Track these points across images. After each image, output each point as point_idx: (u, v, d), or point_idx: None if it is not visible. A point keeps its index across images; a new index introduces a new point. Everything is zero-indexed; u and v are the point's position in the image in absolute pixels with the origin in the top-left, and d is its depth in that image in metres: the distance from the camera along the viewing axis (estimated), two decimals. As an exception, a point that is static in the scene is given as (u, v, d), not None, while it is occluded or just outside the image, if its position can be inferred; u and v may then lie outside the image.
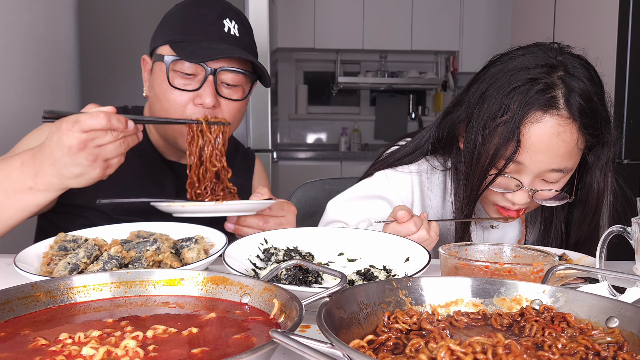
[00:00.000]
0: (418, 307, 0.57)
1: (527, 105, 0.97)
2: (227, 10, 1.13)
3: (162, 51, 1.11)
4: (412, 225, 0.95)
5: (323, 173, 3.85)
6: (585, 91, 0.98)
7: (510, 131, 0.97)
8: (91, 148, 0.87)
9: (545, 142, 0.97)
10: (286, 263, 0.69)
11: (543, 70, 0.99)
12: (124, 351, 0.47)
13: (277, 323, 0.54)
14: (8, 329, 0.54)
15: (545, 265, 0.70)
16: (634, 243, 0.75)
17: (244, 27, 1.15)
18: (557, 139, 0.97)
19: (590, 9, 2.52)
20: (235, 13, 1.15)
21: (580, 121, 0.98)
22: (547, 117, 0.97)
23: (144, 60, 1.18)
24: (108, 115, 0.87)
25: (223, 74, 1.09)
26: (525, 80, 0.98)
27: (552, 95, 0.97)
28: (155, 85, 1.12)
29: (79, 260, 0.77)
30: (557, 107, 0.97)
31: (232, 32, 1.11)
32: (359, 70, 5.02)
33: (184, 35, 1.09)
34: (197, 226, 0.92)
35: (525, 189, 1.01)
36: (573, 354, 0.46)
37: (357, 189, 1.22)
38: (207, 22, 1.10)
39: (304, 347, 0.40)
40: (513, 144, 0.97)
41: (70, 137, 0.85)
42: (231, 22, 1.12)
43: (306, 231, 0.94)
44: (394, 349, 0.48)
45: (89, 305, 0.61)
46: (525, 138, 0.97)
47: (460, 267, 0.72)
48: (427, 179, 1.20)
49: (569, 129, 0.97)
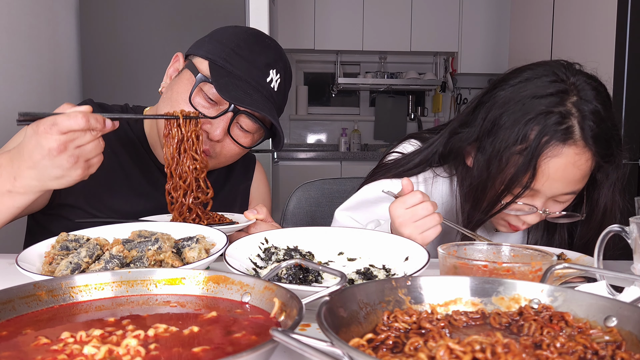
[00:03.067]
0: (417, 306, 0.57)
1: (545, 136, 0.97)
2: (278, 60, 1.12)
3: (200, 64, 1.09)
4: (419, 193, 0.96)
5: (323, 173, 3.85)
6: (598, 117, 0.99)
7: (527, 162, 0.97)
8: (71, 149, 0.85)
9: (561, 172, 0.99)
10: (286, 262, 0.69)
11: (557, 100, 0.99)
12: (125, 350, 0.48)
13: (278, 322, 0.55)
14: (10, 328, 0.54)
15: (543, 264, 0.70)
16: (632, 242, 0.75)
17: (284, 84, 1.14)
18: (573, 167, 0.98)
19: (590, 10, 2.52)
20: (284, 66, 1.14)
21: (595, 148, 0.99)
22: (565, 149, 0.97)
23: (177, 57, 1.16)
24: (86, 115, 0.85)
25: (243, 117, 1.08)
26: (540, 110, 0.98)
27: (568, 125, 0.97)
28: (175, 89, 1.10)
29: (81, 260, 0.77)
30: (574, 138, 0.97)
31: (272, 85, 1.10)
32: (358, 71, 5.02)
33: (228, 63, 1.07)
34: (198, 226, 0.92)
35: (538, 212, 1.03)
36: (571, 353, 0.46)
37: (363, 194, 1.22)
38: (255, 64, 1.08)
39: (304, 345, 0.41)
40: (530, 173, 0.98)
41: (49, 139, 0.83)
42: (276, 75, 1.11)
43: (306, 231, 0.94)
44: (393, 347, 0.49)
45: (90, 304, 0.61)
46: (542, 169, 0.98)
47: (459, 267, 0.72)
48: (432, 189, 1.20)
49: (585, 157, 0.99)
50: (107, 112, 1.17)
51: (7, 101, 1.72)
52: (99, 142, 0.89)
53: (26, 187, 0.89)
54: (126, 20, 2.71)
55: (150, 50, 2.69)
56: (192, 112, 1.04)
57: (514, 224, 1.09)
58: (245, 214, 1.06)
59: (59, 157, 0.84)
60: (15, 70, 1.78)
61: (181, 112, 1.03)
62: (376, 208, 1.18)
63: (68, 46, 2.25)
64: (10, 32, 1.74)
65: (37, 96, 1.92)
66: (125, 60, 2.72)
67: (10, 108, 1.73)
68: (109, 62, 2.71)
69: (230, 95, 1.02)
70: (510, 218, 1.08)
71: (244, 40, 1.10)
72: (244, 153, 1.17)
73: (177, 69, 1.14)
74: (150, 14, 2.72)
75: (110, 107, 1.20)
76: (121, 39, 2.72)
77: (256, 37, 1.12)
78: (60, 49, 2.15)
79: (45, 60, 2.00)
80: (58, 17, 2.13)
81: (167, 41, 2.68)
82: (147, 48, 2.70)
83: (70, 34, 2.29)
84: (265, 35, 1.16)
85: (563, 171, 0.98)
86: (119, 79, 2.73)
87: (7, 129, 1.66)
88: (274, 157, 3.13)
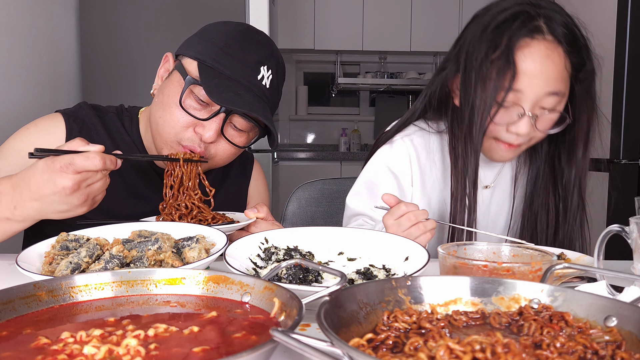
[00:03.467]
0: (417, 306, 0.57)
1: (515, 36, 1.05)
2: (269, 56, 1.09)
3: (189, 66, 1.07)
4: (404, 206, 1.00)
5: (323, 173, 3.85)
6: (564, 21, 1.08)
7: (505, 61, 1.04)
8: (83, 188, 0.88)
9: (538, 65, 1.04)
10: (286, 262, 0.69)
11: (523, 8, 1.07)
12: (125, 350, 0.47)
13: (278, 322, 0.55)
14: (10, 328, 0.54)
15: (543, 264, 0.70)
16: (632, 242, 0.75)
17: (276, 79, 1.11)
18: (548, 61, 1.05)
19: (590, 10, 2.52)
20: (275, 61, 1.11)
21: (565, 45, 1.06)
22: (535, 42, 1.05)
23: (166, 58, 1.14)
24: (103, 157, 0.87)
25: (236, 116, 1.07)
26: (509, 16, 1.07)
27: (535, 24, 1.06)
28: (166, 93, 1.08)
29: (81, 260, 0.77)
30: (542, 33, 1.05)
31: (263, 82, 1.08)
32: (358, 71, 5.02)
33: (217, 63, 1.05)
34: (198, 226, 0.92)
35: (527, 115, 1.06)
36: (571, 352, 0.46)
37: (365, 175, 1.27)
38: (245, 63, 1.06)
39: (304, 345, 0.41)
40: (510, 72, 1.04)
41: (64, 178, 0.85)
42: (267, 71, 1.08)
43: (306, 231, 0.94)
44: (393, 347, 0.49)
45: (90, 304, 0.61)
46: (520, 63, 1.04)
47: (459, 267, 0.72)
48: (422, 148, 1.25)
49: (557, 52, 1.06)
50: (101, 114, 1.17)
51: (7, 101, 1.72)
52: (106, 180, 0.92)
53: (25, 216, 0.91)
54: (126, 20, 2.71)
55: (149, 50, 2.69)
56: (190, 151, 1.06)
57: (505, 139, 1.10)
58: (246, 213, 1.06)
59: (71, 196, 0.87)
60: (15, 70, 1.78)
61: (184, 154, 1.05)
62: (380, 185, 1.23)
63: (67, 46, 2.25)
64: (9, 32, 1.74)
65: (36, 96, 1.92)
66: (125, 61, 2.72)
67: (9, 108, 1.73)
68: (108, 62, 2.71)
69: (220, 98, 1.00)
70: (502, 133, 1.10)
71: (234, 38, 1.07)
72: (240, 152, 1.16)
73: (167, 70, 1.13)
74: (149, 14, 2.72)
75: (104, 109, 1.20)
76: (121, 39, 2.72)
77: (246, 34, 1.09)
78: (60, 49, 2.15)
79: (45, 60, 2.00)
80: (58, 17, 2.13)
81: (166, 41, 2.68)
82: (146, 48, 2.70)
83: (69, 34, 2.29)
84: (255, 31, 1.13)
85: (540, 64, 1.04)
86: (118, 79, 2.73)
87: (7, 128, 1.66)
88: (274, 157, 3.13)
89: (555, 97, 1.07)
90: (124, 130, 1.18)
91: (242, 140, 1.12)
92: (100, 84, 2.71)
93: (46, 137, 1.11)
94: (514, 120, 1.07)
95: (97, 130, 1.15)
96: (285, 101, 4.94)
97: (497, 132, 1.11)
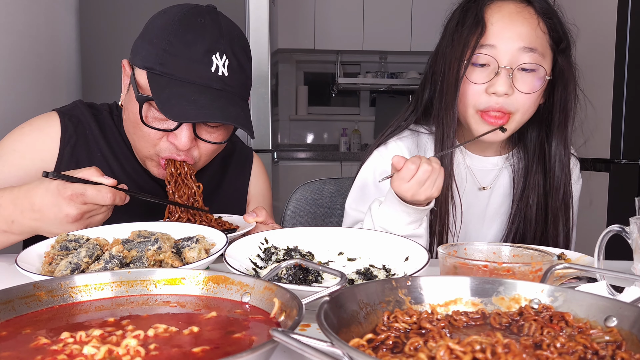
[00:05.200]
0: (417, 306, 0.57)
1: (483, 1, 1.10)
2: (217, 39, 0.98)
3: (139, 77, 1.00)
4: (411, 164, 0.96)
5: (323, 173, 3.85)
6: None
7: (474, 19, 1.08)
8: (85, 219, 0.89)
9: (507, 19, 1.07)
10: (286, 262, 0.69)
11: None
12: (125, 350, 0.47)
13: (278, 322, 0.55)
14: (10, 328, 0.54)
15: (544, 264, 0.70)
16: (632, 243, 0.75)
17: (236, 60, 1.00)
18: (518, 16, 1.07)
19: (590, 10, 2.52)
20: (229, 41, 1.00)
21: (536, 7, 1.09)
22: (505, 3, 1.09)
23: (124, 66, 1.07)
24: (114, 194, 0.88)
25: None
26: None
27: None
28: (130, 109, 1.04)
29: (81, 260, 0.77)
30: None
31: (219, 72, 0.98)
32: (359, 71, 5.02)
33: (164, 67, 0.96)
34: (198, 226, 0.92)
35: (502, 69, 1.05)
36: (571, 353, 0.46)
37: (361, 179, 1.26)
38: (193, 58, 0.96)
39: (304, 345, 0.41)
40: (479, 28, 1.07)
41: (71, 206, 0.86)
42: (221, 59, 0.98)
43: (306, 231, 0.94)
44: (393, 347, 0.49)
45: (90, 304, 0.61)
46: (489, 18, 1.08)
47: (459, 267, 0.72)
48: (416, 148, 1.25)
49: (527, 10, 1.09)
50: (96, 112, 1.16)
51: (6, 101, 1.72)
52: (108, 214, 0.93)
53: (21, 231, 0.92)
54: (125, 20, 2.71)
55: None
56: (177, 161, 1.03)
57: (484, 104, 1.08)
58: (245, 218, 1.05)
59: (71, 224, 0.88)
60: (14, 69, 1.78)
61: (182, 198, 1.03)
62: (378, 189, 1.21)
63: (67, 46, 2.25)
64: (9, 31, 1.74)
65: (36, 96, 1.92)
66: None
67: (8, 107, 1.73)
68: (108, 62, 2.71)
69: (172, 114, 0.93)
70: (482, 98, 1.09)
71: (174, 33, 0.97)
72: (224, 146, 1.11)
73: (127, 76, 1.07)
74: (149, 14, 2.72)
75: (99, 107, 1.19)
76: (121, 39, 2.71)
77: (186, 23, 0.98)
78: (60, 48, 2.15)
79: (45, 60, 2.00)
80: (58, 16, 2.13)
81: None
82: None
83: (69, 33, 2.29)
84: (196, 12, 1.01)
85: (509, 18, 1.07)
86: (118, 79, 2.72)
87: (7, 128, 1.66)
88: (274, 157, 3.13)
89: (531, 54, 1.06)
90: (116, 129, 1.16)
91: (219, 135, 1.06)
92: (100, 83, 2.71)
93: (41, 136, 1.10)
94: (491, 79, 1.07)
95: (92, 129, 1.14)
96: (286, 101, 4.94)
97: (478, 98, 1.09)
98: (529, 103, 1.09)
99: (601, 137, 2.45)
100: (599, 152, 2.47)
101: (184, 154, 1.03)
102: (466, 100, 1.11)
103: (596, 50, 2.45)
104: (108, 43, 2.71)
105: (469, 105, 1.11)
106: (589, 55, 2.52)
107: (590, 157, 2.52)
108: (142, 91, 1.00)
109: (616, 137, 2.39)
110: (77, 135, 1.12)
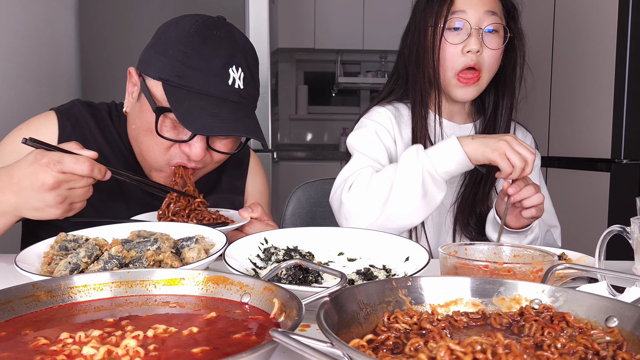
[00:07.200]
0: (418, 306, 0.57)
1: None
2: (234, 52, 1.01)
3: (154, 88, 1.00)
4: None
5: (323, 173, 3.84)
6: None
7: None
8: (62, 189, 0.86)
9: None
10: (286, 263, 0.69)
11: None
12: (124, 350, 0.47)
13: (277, 322, 0.55)
14: (9, 328, 0.54)
15: (544, 264, 0.70)
16: (633, 243, 0.75)
17: (249, 72, 1.03)
18: None
19: (590, 10, 2.52)
20: (243, 54, 1.03)
21: None
22: None
23: (130, 74, 1.07)
24: (92, 164, 0.86)
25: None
26: None
27: None
28: (142, 118, 1.03)
29: (80, 260, 0.77)
30: None
31: (236, 85, 1.00)
32: (359, 70, 5.02)
33: (182, 80, 0.97)
34: (197, 226, 0.92)
35: (474, 29, 1.20)
36: (572, 353, 0.46)
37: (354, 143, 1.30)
38: (211, 71, 0.98)
39: (304, 346, 0.41)
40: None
41: (47, 174, 0.84)
42: (237, 71, 1.00)
43: (306, 231, 0.94)
44: (393, 348, 0.48)
45: (89, 304, 0.61)
46: None
47: (459, 267, 0.72)
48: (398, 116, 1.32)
49: None
50: (95, 111, 1.16)
51: (6, 100, 1.72)
52: (89, 190, 0.90)
53: (1, 211, 0.90)
54: (125, 20, 2.71)
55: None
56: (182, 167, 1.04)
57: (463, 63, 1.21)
58: (240, 212, 1.05)
59: (47, 193, 0.85)
60: (14, 69, 1.78)
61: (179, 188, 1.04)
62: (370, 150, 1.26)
63: (67, 46, 2.24)
64: (9, 31, 1.74)
65: (35, 95, 1.92)
66: (125, 61, 2.71)
67: (8, 107, 1.73)
68: (108, 61, 2.71)
69: (196, 126, 0.94)
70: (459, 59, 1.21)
71: (190, 45, 0.98)
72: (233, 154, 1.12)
73: (134, 84, 1.07)
74: (149, 14, 2.72)
75: (97, 106, 1.18)
76: (120, 39, 2.71)
77: (202, 35, 1.00)
78: (60, 48, 2.15)
79: (44, 59, 2.00)
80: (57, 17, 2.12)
81: (167, 41, 2.68)
82: (147, 48, 2.70)
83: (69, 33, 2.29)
84: (211, 25, 1.03)
85: None
86: (118, 78, 2.72)
87: (6, 128, 1.66)
88: (274, 157, 3.13)
89: (493, 16, 1.22)
90: (114, 129, 1.16)
91: (231, 144, 1.08)
92: (100, 83, 2.71)
93: (38, 136, 1.09)
94: (464, 40, 1.21)
95: (91, 128, 1.13)
96: (286, 101, 4.94)
97: (457, 60, 1.22)
98: (493, 60, 1.24)
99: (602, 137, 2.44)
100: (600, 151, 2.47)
101: (195, 163, 1.04)
102: (445, 64, 1.23)
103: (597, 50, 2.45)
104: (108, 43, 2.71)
105: (448, 68, 1.23)
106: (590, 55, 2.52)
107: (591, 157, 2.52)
108: (158, 102, 1.00)
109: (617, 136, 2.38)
110: (75, 134, 1.11)
